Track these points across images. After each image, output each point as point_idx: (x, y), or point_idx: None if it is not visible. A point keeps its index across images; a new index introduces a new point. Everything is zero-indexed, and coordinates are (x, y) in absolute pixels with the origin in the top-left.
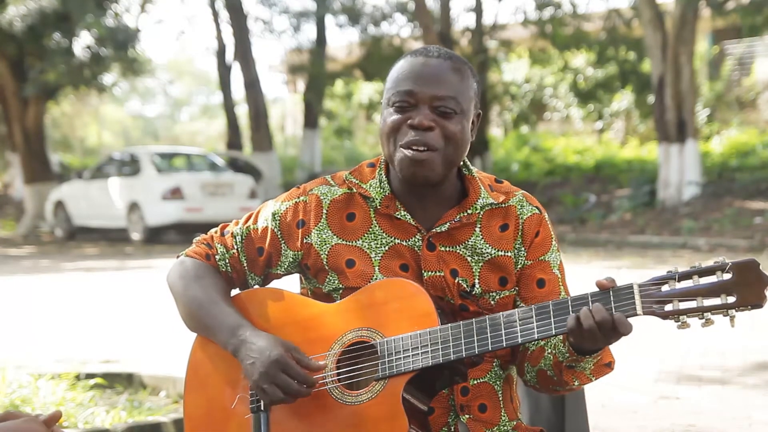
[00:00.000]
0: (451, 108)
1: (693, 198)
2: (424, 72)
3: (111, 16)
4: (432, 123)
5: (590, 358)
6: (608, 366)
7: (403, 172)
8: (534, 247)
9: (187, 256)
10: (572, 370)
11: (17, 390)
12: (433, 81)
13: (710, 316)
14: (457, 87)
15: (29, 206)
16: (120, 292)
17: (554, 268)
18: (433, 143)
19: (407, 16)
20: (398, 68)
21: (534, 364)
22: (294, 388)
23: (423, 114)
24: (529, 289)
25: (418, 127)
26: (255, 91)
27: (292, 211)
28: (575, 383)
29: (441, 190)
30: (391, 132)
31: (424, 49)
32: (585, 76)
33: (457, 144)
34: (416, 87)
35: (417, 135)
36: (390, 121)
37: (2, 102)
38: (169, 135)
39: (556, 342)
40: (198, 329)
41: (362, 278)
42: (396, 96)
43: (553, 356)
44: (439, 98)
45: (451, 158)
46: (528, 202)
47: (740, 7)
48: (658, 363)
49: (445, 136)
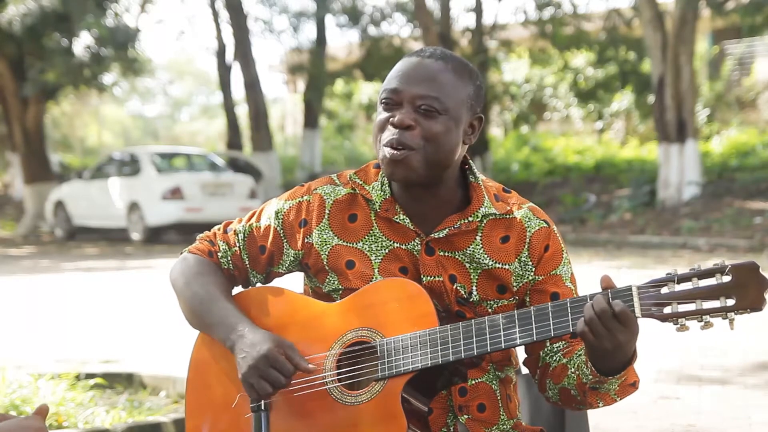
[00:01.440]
0: (434, 107)
1: (693, 198)
2: (412, 71)
3: (111, 16)
4: (412, 122)
5: (614, 379)
6: (633, 386)
7: (385, 171)
8: (544, 262)
9: (190, 253)
10: (596, 392)
11: (17, 390)
12: (418, 80)
13: (709, 318)
14: (445, 88)
15: (29, 206)
16: (120, 292)
17: (567, 281)
18: (409, 142)
19: (407, 16)
20: (393, 68)
21: (556, 382)
22: (282, 383)
23: (404, 112)
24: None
25: (398, 125)
26: (255, 91)
27: (295, 210)
28: (600, 404)
29: (439, 195)
30: (378, 130)
31: (421, 50)
32: (585, 76)
33: (438, 144)
34: (400, 85)
35: (395, 134)
36: (377, 119)
37: (2, 102)
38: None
39: (579, 363)
40: (199, 326)
41: (362, 280)
42: (383, 94)
43: (577, 377)
44: (421, 97)
45: (433, 158)
46: (535, 216)
47: (740, 7)
48: (658, 363)
49: (424, 135)
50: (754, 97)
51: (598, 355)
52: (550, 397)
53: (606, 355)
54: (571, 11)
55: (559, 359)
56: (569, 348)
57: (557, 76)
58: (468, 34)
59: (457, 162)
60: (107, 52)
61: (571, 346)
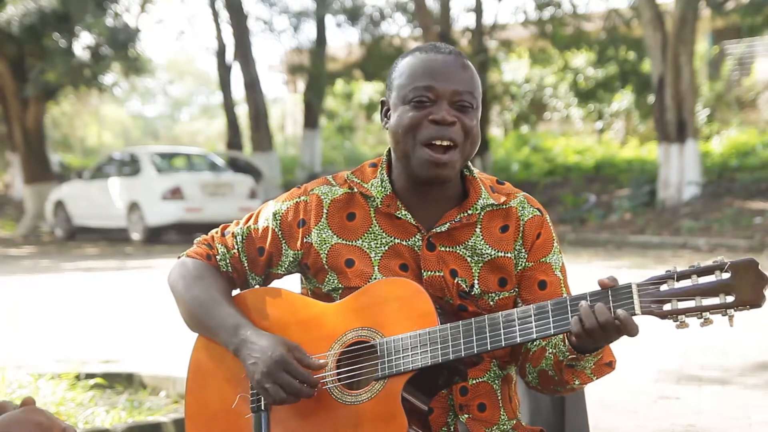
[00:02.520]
0: (469, 102)
1: (693, 198)
2: (441, 68)
3: (111, 16)
4: (455, 118)
5: (590, 357)
6: (609, 365)
7: (426, 173)
8: (535, 249)
9: (188, 257)
10: (572, 369)
11: (17, 390)
12: (450, 76)
13: (709, 315)
14: (471, 82)
15: (29, 206)
16: (120, 292)
17: (556, 270)
18: (456, 137)
19: (407, 16)
20: (409, 65)
21: (535, 365)
22: (296, 388)
23: (444, 109)
24: (531, 291)
25: (442, 122)
26: (255, 91)
27: (292, 211)
28: (576, 382)
29: (444, 190)
30: (410, 128)
31: (434, 46)
32: (585, 76)
33: (474, 138)
34: (435, 82)
35: (441, 129)
36: (409, 117)
37: (2, 102)
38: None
39: (557, 341)
40: (199, 329)
41: (361, 278)
42: (414, 92)
43: (554, 355)
44: (459, 93)
45: (468, 153)
46: (529, 204)
47: (740, 7)
48: (658, 363)
49: (464, 130)
50: (754, 97)
51: (582, 344)
52: (530, 381)
53: (591, 345)
54: (571, 11)
55: (538, 343)
56: None
57: (557, 76)
58: (468, 34)
59: None
60: (107, 52)
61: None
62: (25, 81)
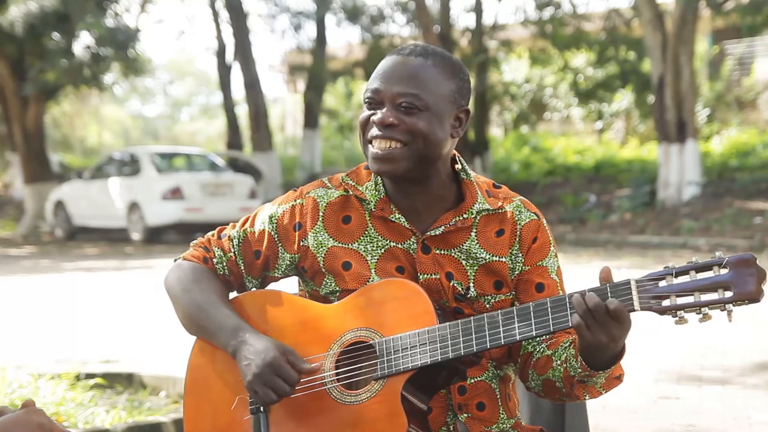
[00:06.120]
0: (414, 104)
1: (693, 198)
2: (391, 70)
3: (111, 16)
4: (394, 120)
5: (603, 373)
6: (618, 379)
7: (372, 167)
8: (532, 253)
9: (185, 260)
10: (584, 385)
11: (17, 390)
12: (397, 78)
13: (708, 311)
14: (425, 84)
15: (29, 206)
16: (120, 292)
17: (552, 273)
18: (401, 137)
19: (407, 16)
20: (377, 66)
21: (540, 374)
22: (286, 391)
23: (385, 111)
24: (528, 294)
25: (379, 123)
26: (255, 91)
27: (288, 214)
28: (585, 397)
29: (431, 191)
30: (361, 128)
31: (402, 48)
32: (585, 75)
33: (424, 139)
34: (381, 85)
35: (383, 130)
36: (361, 117)
37: (2, 102)
38: (169, 135)
39: (568, 356)
40: (197, 332)
41: (359, 280)
42: (366, 93)
43: (564, 370)
44: (401, 95)
45: (421, 153)
46: (526, 209)
47: (740, 7)
48: (658, 363)
49: (409, 131)
50: (754, 97)
51: (592, 349)
52: (532, 387)
53: (600, 348)
54: (571, 11)
55: (543, 350)
56: (553, 339)
57: (557, 76)
58: (468, 34)
59: (447, 156)
60: (107, 52)
61: (555, 338)
62: (25, 81)
